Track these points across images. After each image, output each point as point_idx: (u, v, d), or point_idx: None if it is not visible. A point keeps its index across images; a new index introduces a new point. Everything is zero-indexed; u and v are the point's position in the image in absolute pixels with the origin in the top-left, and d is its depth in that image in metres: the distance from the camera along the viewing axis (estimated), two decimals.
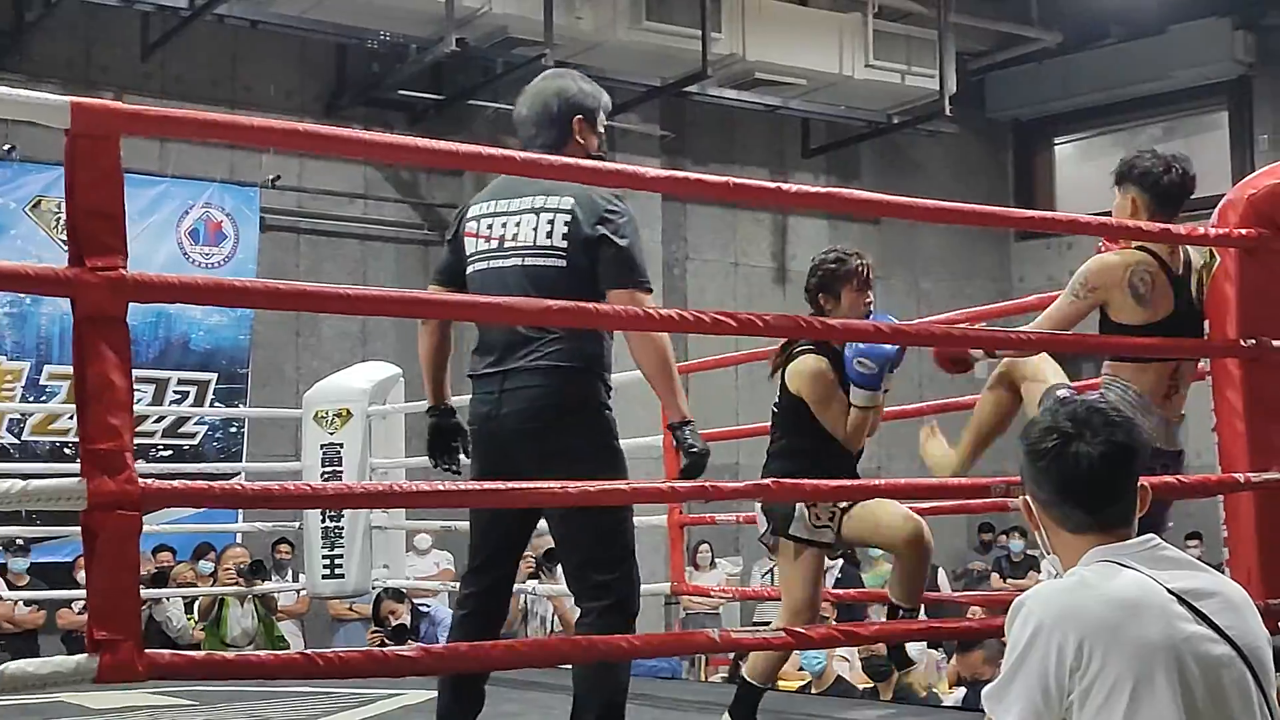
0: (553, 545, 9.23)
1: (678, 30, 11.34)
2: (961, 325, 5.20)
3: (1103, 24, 13.83)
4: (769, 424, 4.58)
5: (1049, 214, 3.95)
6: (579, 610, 3.69)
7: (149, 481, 2.53)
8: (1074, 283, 3.90)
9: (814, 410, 4.31)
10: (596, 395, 3.68)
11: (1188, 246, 3.94)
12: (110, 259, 2.48)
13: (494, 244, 3.67)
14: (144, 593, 8.07)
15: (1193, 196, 3.93)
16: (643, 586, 7.31)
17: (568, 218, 3.60)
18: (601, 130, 3.85)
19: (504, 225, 3.66)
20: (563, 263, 3.59)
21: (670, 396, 3.68)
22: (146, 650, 2.49)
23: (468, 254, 3.73)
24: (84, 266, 2.48)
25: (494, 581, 3.78)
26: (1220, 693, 2.18)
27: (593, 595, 3.63)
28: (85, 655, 2.44)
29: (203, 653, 2.92)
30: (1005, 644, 2.28)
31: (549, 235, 3.60)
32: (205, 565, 9.55)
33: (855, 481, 4.08)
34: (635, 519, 6.90)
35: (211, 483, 2.68)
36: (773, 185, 3.58)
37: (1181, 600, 2.22)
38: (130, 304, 2.55)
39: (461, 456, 3.84)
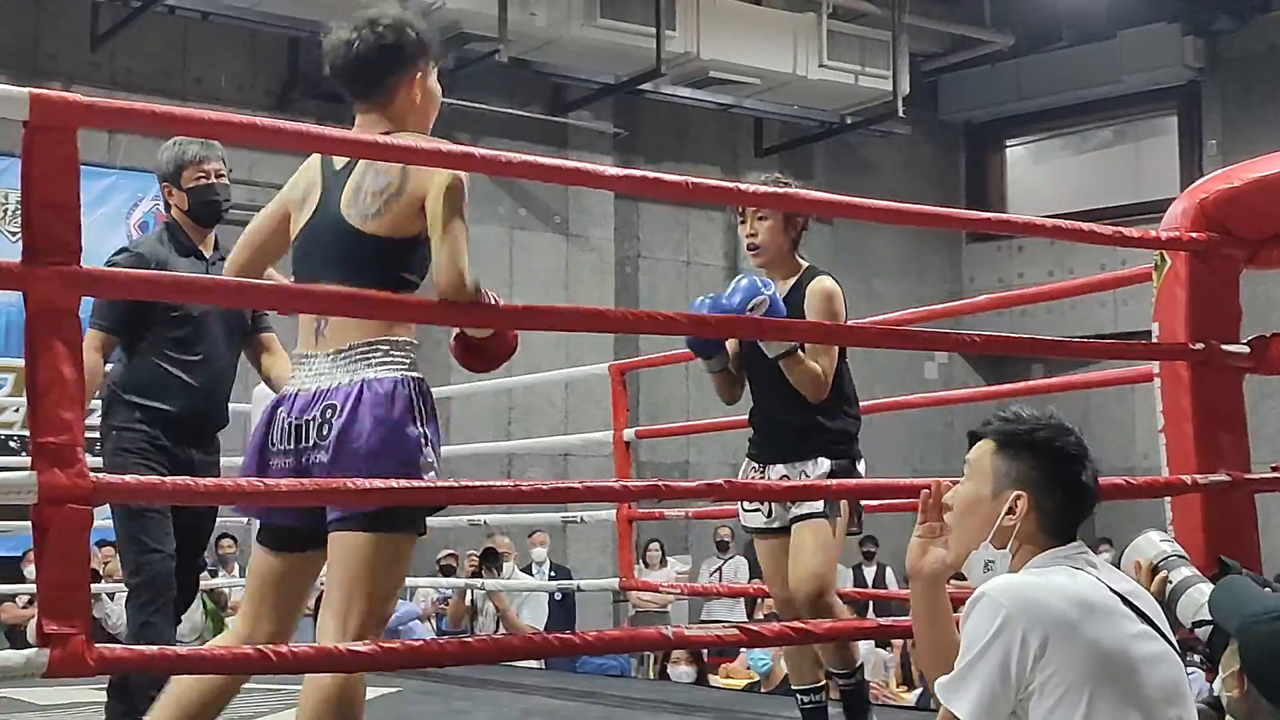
0: (493, 545, 9.29)
1: (632, 28, 11.35)
2: (912, 325, 5.21)
3: (1055, 27, 13.93)
4: (708, 421, 4.58)
5: (1004, 216, 3.97)
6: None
7: (100, 475, 2.51)
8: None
9: None
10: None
11: None
12: (63, 253, 2.46)
13: None
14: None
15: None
16: (593, 582, 7.29)
17: None
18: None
19: None
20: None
21: None
22: (96, 645, 2.47)
23: None
24: (38, 260, 2.45)
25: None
26: (1163, 688, 2.27)
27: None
28: (35, 649, 2.42)
29: (154, 648, 2.89)
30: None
31: None
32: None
33: (818, 480, 4.05)
34: (587, 514, 6.90)
35: (164, 478, 2.66)
36: (730, 186, 3.57)
37: (1124, 600, 2.32)
38: None
39: None
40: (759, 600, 9.82)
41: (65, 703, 5.19)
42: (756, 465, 4.24)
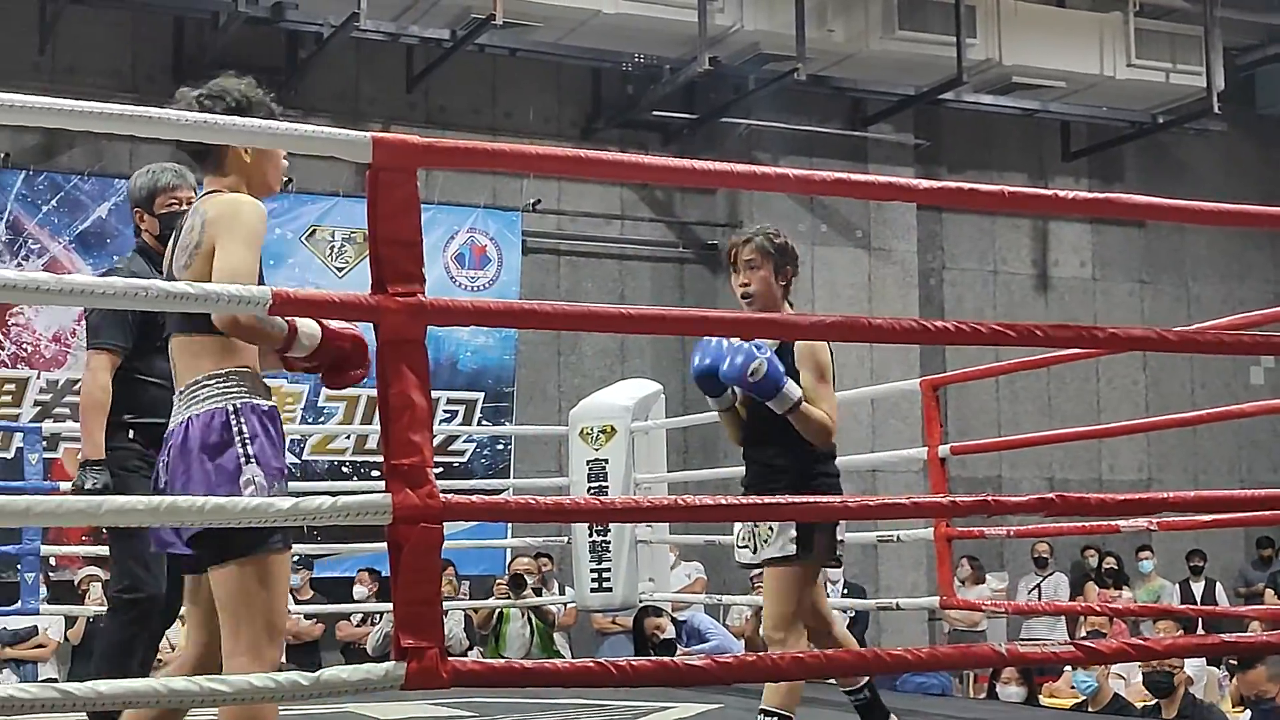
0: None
1: (932, 38, 11.23)
2: (1238, 331, 4.95)
3: None
4: (1021, 435, 4.54)
5: None
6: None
7: (449, 496, 2.63)
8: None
9: None
10: None
11: None
12: (409, 285, 2.60)
13: None
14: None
15: None
16: (912, 601, 7.20)
17: None
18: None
19: None
20: None
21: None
22: (449, 658, 2.59)
23: None
24: (386, 293, 2.60)
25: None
26: None
27: None
28: (393, 663, 2.55)
29: (502, 661, 3.01)
30: None
31: None
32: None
33: (1150, 494, 3.95)
34: (903, 533, 6.83)
35: (507, 497, 2.77)
36: (1047, 193, 3.51)
37: None
38: None
39: None
40: (1081, 618, 9.55)
41: (404, 717, 5.42)
42: None
